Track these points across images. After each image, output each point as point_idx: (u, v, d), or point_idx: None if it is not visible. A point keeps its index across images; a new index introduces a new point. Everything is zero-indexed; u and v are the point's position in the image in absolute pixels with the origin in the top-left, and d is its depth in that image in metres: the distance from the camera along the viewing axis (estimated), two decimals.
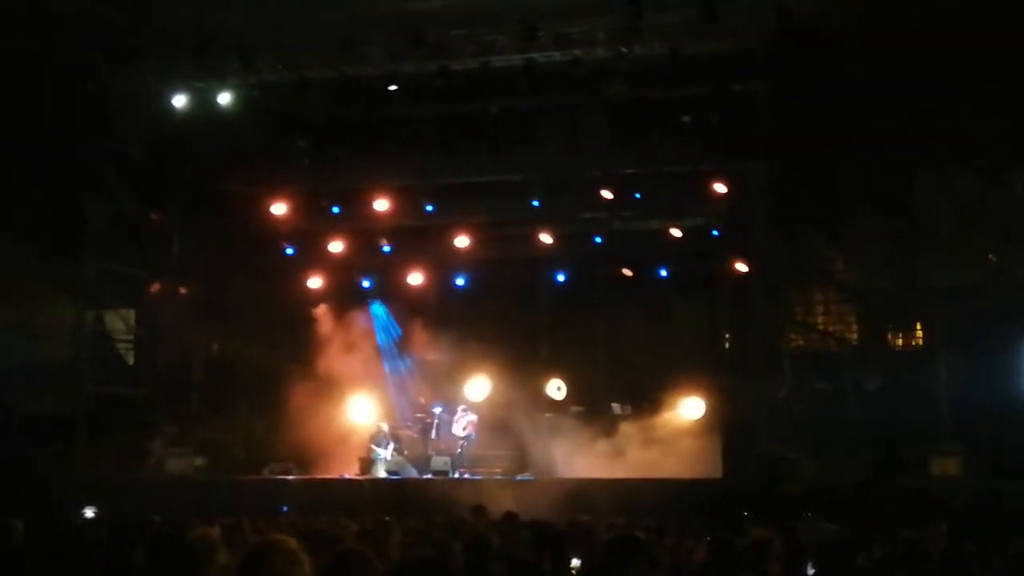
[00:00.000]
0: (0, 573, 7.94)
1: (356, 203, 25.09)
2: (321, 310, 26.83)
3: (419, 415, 25.79)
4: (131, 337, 26.71)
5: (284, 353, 25.70)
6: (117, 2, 21.87)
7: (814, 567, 8.52)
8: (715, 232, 24.89)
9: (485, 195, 25.11)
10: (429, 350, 27.04)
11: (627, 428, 24.29)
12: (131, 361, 26.69)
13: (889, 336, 24.63)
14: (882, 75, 21.55)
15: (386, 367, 27.07)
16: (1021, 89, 20.69)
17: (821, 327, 24.73)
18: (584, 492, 20.67)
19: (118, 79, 23.54)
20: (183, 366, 26.14)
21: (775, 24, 21.30)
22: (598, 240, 25.34)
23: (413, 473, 24.48)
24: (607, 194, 23.80)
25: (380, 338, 27.24)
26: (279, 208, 25.06)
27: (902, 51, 21.12)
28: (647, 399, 24.53)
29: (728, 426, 23.26)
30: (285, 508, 19.72)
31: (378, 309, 27.36)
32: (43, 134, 23.68)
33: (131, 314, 26.68)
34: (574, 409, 25.56)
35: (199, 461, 24.65)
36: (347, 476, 23.99)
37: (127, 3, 21.94)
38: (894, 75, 21.41)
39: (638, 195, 24.04)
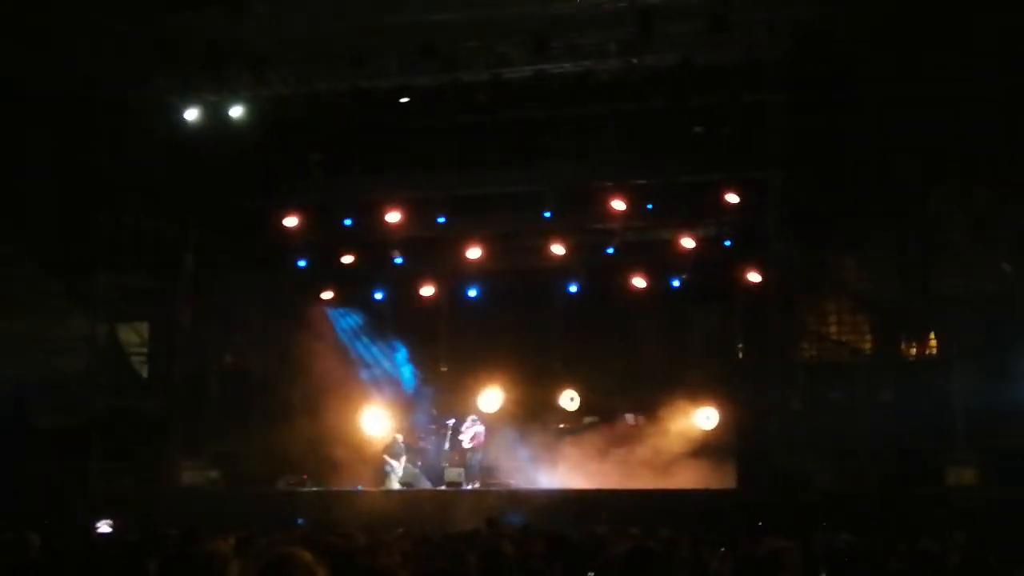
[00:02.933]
0: None
1: (368, 215, 25.07)
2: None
3: (432, 427, 25.78)
4: (145, 350, 26.74)
5: (297, 365, 25.69)
6: (130, 17, 21.94)
7: None
8: (728, 242, 24.79)
9: (497, 206, 25.08)
10: (442, 362, 27.09)
11: (641, 438, 24.28)
12: (145, 374, 26.71)
13: (903, 345, 24.55)
14: (897, 85, 21.52)
15: (399, 379, 27.09)
16: None
17: (835, 337, 24.65)
18: (598, 503, 20.68)
19: (132, 93, 23.58)
20: (197, 378, 26.11)
21: (789, 34, 21.27)
22: (610, 251, 25.26)
23: (427, 485, 24.49)
24: (619, 204, 23.75)
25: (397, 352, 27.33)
26: (291, 221, 25.04)
27: (917, 61, 21.10)
28: (660, 409, 24.46)
29: (742, 436, 23.26)
30: (301, 521, 19.72)
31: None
32: (57, 148, 23.76)
33: (144, 327, 26.71)
34: (587, 420, 25.56)
35: (214, 473, 24.68)
36: (361, 488, 23.99)
37: (140, 18, 22.01)
38: (909, 85, 21.38)
39: (650, 205, 23.98)
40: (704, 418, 24.48)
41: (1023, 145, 21.28)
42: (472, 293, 26.24)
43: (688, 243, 24.69)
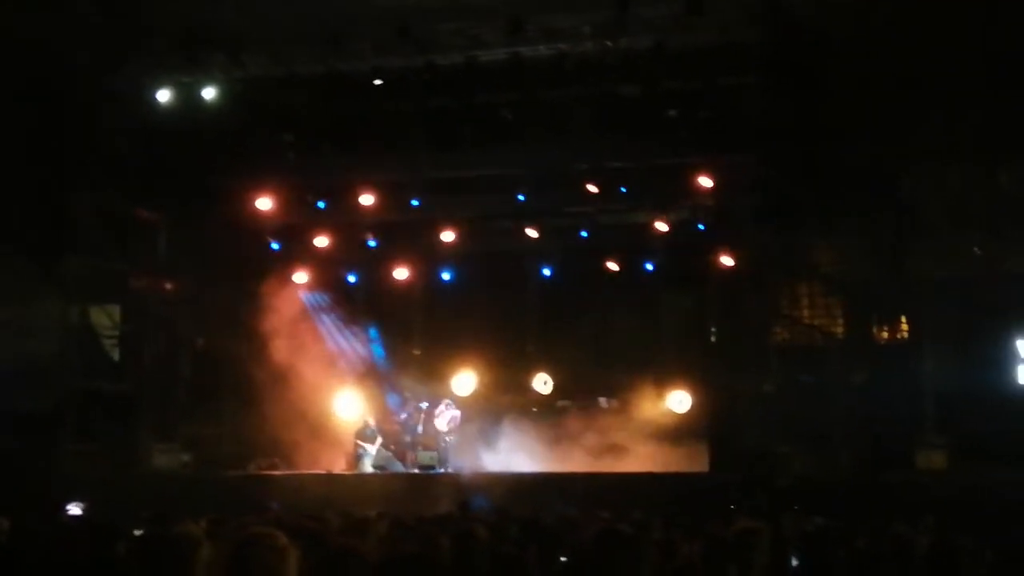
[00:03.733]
0: None
1: (342, 198, 25.01)
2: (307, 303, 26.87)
3: (405, 410, 25.76)
4: (116, 332, 26.62)
5: (269, 348, 25.59)
6: None
7: (798, 559, 8.52)
8: (701, 226, 24.88)
9: (471, 189, 25.04)
10: (415, 345, 27.05)
11: (614, 422, 24.31)
12: (116, 357, 26.60)
13: (875, 329, 24.68)
14: (871, 68, 21.55)
15: (372, 362, 27.04)
16: (1008, 83, 20.73)
17: (807, 320, 24.76)
18: (571, 486, 20.71)
19: (104, 75, 23.42)
20: (169, 361, 26.05)
21: (763, 17, 21.28)
22: (584, 234, 25.31)
23: (399, 468, 24.49)
24: (593, 188, 23.75)
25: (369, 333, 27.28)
26: (264, 203, 24.93)
27: (891, 44, 21.12)
28: (633, 393, 24.51)
29: (715, 420, 23.33)
30: (276, 506, 19.60)
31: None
32: (28, 130, 23.58)
33: (116, 309, 26.59)
34: (560, 403, 25.58)
35: (186, 456, 24.64)
36: (333, 471, 23.96)
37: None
38: (883, 68, 21.42)
39: (624, 189, 23.99)
40: (677, 401, 24.54)
41: (997, 128, 21.36)
42: (446, 276, 26.21)
43: (662, 227, 24.70)
